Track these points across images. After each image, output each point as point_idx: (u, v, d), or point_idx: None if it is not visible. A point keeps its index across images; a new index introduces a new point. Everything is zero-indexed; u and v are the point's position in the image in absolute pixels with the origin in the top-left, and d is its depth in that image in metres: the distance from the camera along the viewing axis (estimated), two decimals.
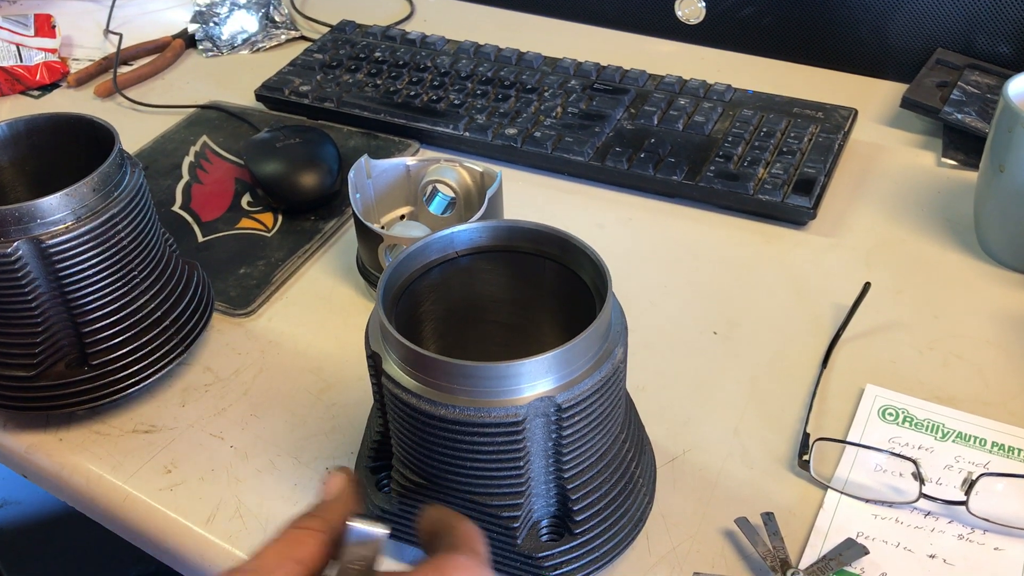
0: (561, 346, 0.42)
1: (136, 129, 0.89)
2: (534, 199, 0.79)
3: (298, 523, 0.39)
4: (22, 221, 0.54)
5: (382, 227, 0.71)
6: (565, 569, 0.47)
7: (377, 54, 0.94)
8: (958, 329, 0.65)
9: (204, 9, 1.04)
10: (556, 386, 0.43)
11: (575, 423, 0.44)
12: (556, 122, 0.83)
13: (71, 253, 0.55)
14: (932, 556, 0.51)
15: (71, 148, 0.61)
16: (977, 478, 0.51)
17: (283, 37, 1.05)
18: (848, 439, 0.57)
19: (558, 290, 0.51)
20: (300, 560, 0.37)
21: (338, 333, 0.67)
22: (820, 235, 0.74)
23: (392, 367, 0.44)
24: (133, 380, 0.60)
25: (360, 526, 0.39)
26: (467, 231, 0.50)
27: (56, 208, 0.54)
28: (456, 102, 0.86)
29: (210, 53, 1.03)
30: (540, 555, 0.46)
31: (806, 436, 0.56)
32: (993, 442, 0.56)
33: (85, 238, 0.55)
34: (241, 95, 0.94)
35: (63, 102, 0.96)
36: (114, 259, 0.57)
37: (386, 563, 0.41)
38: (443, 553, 0.38)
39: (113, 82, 0.96)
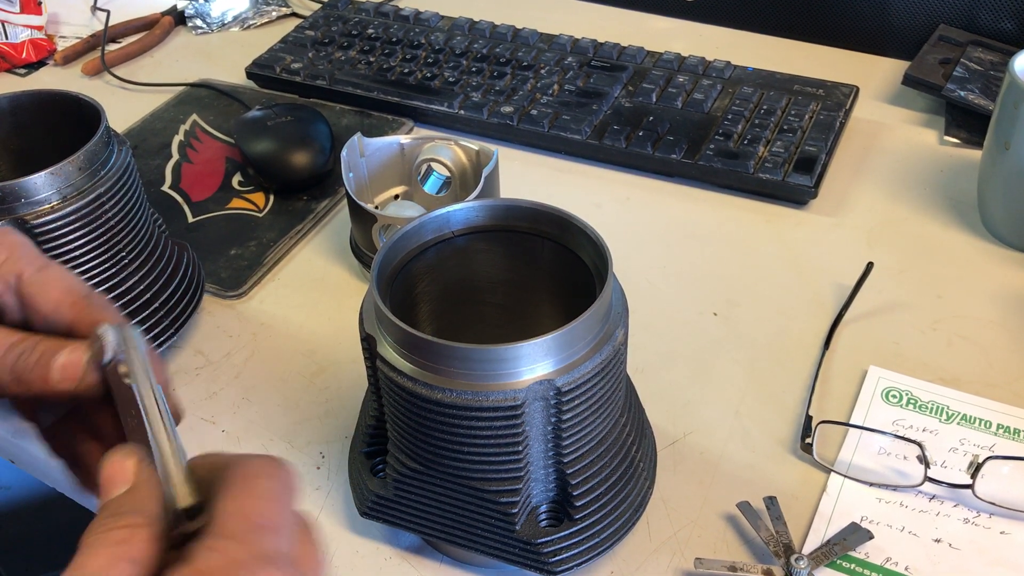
0: (561, 328, 0.41)
1: (125, 108, 0.88)
2: (530, 178, 0.78)
3: (110, 523, 0.33)
4: (6, 201, 0.52)
5: (376, 207, 0.69)
6: (564, 555, 0.46)
7: (370, 31, 0.92)
8: (962, 309, 0.64)
9: None
10: (555, 369, 0.42)
11: (575, 407, 0.43)
12: (553, 100, 0.82)
13: (57, 233, 0.54)
14: (938, 540, 0.50)
15: (56, 126, 0.59)
16: (984, 461, 0.50)
17: (274, 14, 1.03)
18: (851, 422, 0.56)
19: (556, 271, 0.49)
20: (134, 559, 0.32)
21: (331, 315, 0.66)
22: (821, 214, 0.73)
23: (387, 350, 0.43)
24: None
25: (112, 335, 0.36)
26: (463, 210, 0.49)
27: (41, 187, 0.53)
28: (451, 79, 0.85)
29: (200, 30, 1.01)
30: (539, 541, 0.46)
31: (808, 419, 0.55)
32: (998, 424, 0.55)
33: (71, 218, 0.54)
34: (231, 73, 0.93)
35: (50, 80, 0.94)
36: (101, 240, 0.56)
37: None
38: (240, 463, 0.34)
39: (101, 60, 0.94)
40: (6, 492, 0.92)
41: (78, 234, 0.54)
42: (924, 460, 0.51)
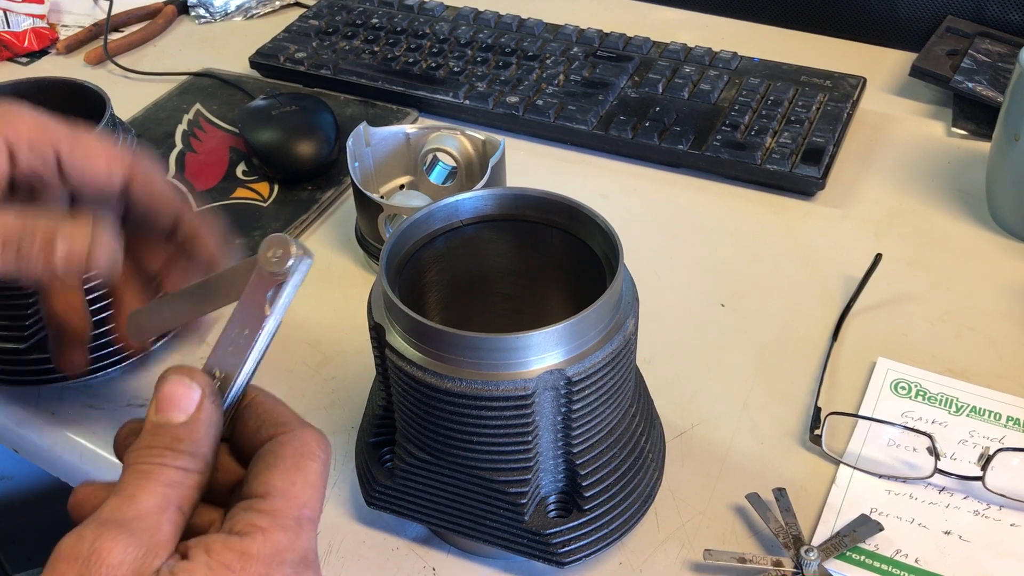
0: (572, 317, 0.41)
1: (127, 97, 0.87)
2: (536, 169, 0.77)
3: (167, 458, 0.33)
4: None
5: (381, 197, 0.69)
6: (573, 546, 0.46)
7: (374, 20, 0.92)
8: (971, 301, 0.64)
9: None
10: (566, 359, 0.42)
11: (585, 397, 0.43)
12: (558, 90, 0.81)
13: None
14: (948, 532, 0.49)
15: (61, 113, 0.59)
16: (994, 453, 0.50)
17: (277, 3, 1.02)
18: (860, 413, 0.56)
19: (566, 260, 0.49)
20: (182, 508, 0.33)
21: (337, 305, 0.65)
22: (829, 206, 0.72)
23: (396, 339, 0.43)
24: (127, 353, 0.58)
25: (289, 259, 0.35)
26: (472, 199, 0.48)
27: None
28: (456, 69, 0.84)
29: (203, 19, 1.01)
30: (547, 532, 0.45)
31: (817, 410, 0.55)
32: (1008, 416, 0.55)
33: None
34: (235, 62, 0.92)
35: (52, 69, 0.94)
36: None
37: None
38: (290, 430, 0.35)
39: (104, 49, 0.93)
40: (8, 482, 0.91)
41: None
42: (934, 452, 0.51)
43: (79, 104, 0.58)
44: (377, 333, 0.44)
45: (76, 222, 0.40)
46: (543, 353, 0.41)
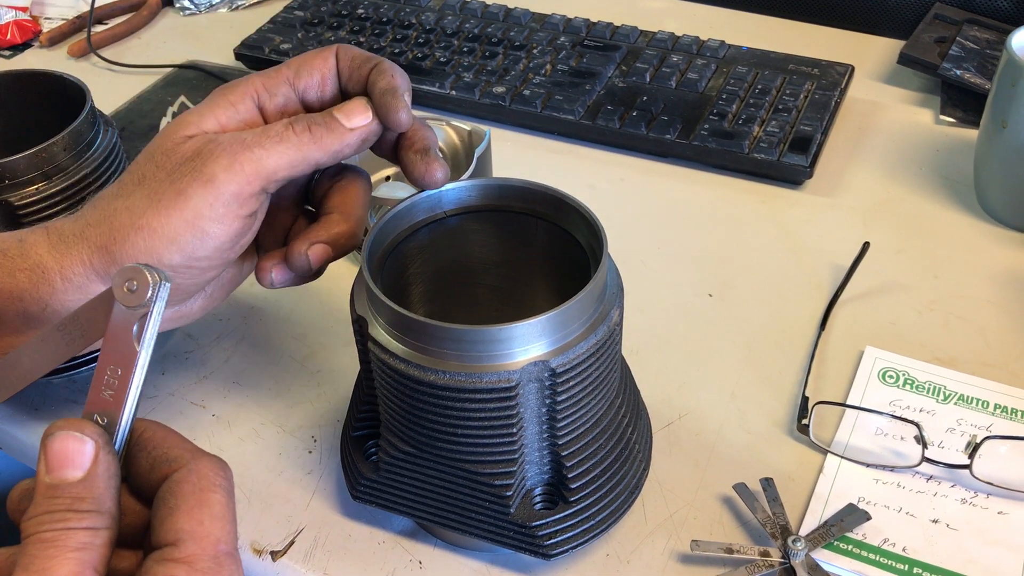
0: (555, 308, 0.40)
1: (112, 89, 0.87)
2: (523, 160, 0.77)
3: (71, 521, 0.31)
4: None
5: None
6: (560, 538, 0.46)
7: (360, 11, 0.91)
8: (959, 289, 0.63)
9: None
10: (550, 350, 0.41)
11: (570, 388, 0.42)
12: (545, 80, 0.81)
13: (42, 215, 0.53)
14: (935, 521, 0.49)
15: (40, 106, 0.59)
16: (981, 441, 0.50)
17: None
18: (848, 402, 0.56)
19: (551, 251, 0.49)
20: (96, 569, 0.31)
21: (322, 298, 0.65)
22: (817, 194, 0.72)
23: (379, 332, 0.43)
24: None
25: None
26: (455, 190, 0.48)
27: (25, 168, 0.52)
28: (442, 60, 0.84)
29: (187, 11, 1.00)
30: (534, 524, 0.45)
31: (805, 400, 0.55)
32: (996, 404, 0.55)
33: (56, 199, 0.53)
34: (220, 54, 0.91)
35: (35, 62, 0.93)
36: None
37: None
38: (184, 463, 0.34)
39: (87, 41, 0.92)
40: None
41: (63, 215, 0.53)
42: (921, 440, 0.51)
43: (59, 97, 0.57)
44: (360, 326, 0.44)
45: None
46: (527, 345, 0.41)
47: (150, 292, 0.33)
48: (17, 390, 0.39)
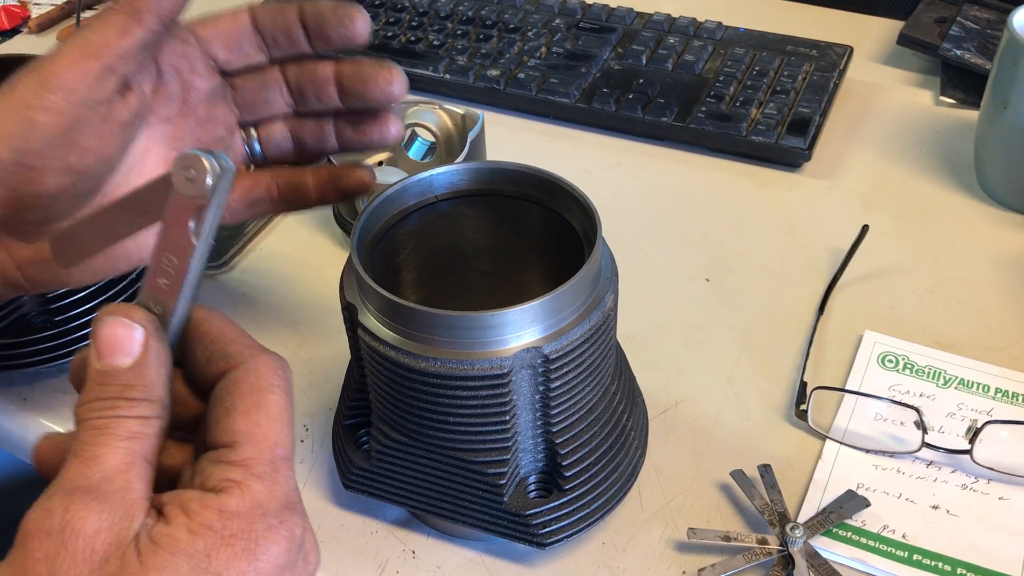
0: (548, 294, 0.40)
1: None
2: (518, 144, 0.76)
3: (122, 409, 0.31)
4: None
5: None
6: (554, 526, 0.45)
7: None
8: (959, 272, 0.63)
9: None
10: (543, 336, 0.41)
11: (563, 375, 0.42)
12: (540, 63, 0.80)
13: None
14: (935, 507, 0.49)
15: None
16: (982, 426, 0.49)
17: None
18: (847, 387, 0.55)
19: (544, 235, 0.48)
20: (146, 458, 0.31)
21: (314, 285, 0.64)
22: (815, 177, 0.71)
23: (369, 319, 0.42)
24: None
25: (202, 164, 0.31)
26: (447, 173, 0.47)
27: None
28: (436, 43, 0.83)
29: None
30: (528, 513, 0.44)
31: (803, 385, 0.54)
32: (996, 388, 0.54)
33: None
34: None
35: (24, 48, 0.92)
36: None
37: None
38: (245, 359, 0.33)
39: (76, 27, 0.91)
40: None
41: None
42: (921, 425, 0.50)
43: None
44: (350, 313, 0.43)
45: None
46: (519, 331, 0.40)
47: (209, 181, 0.32)
48: (77, 262, 0.38)
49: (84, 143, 0.40)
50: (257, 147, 0.49)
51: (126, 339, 0.32)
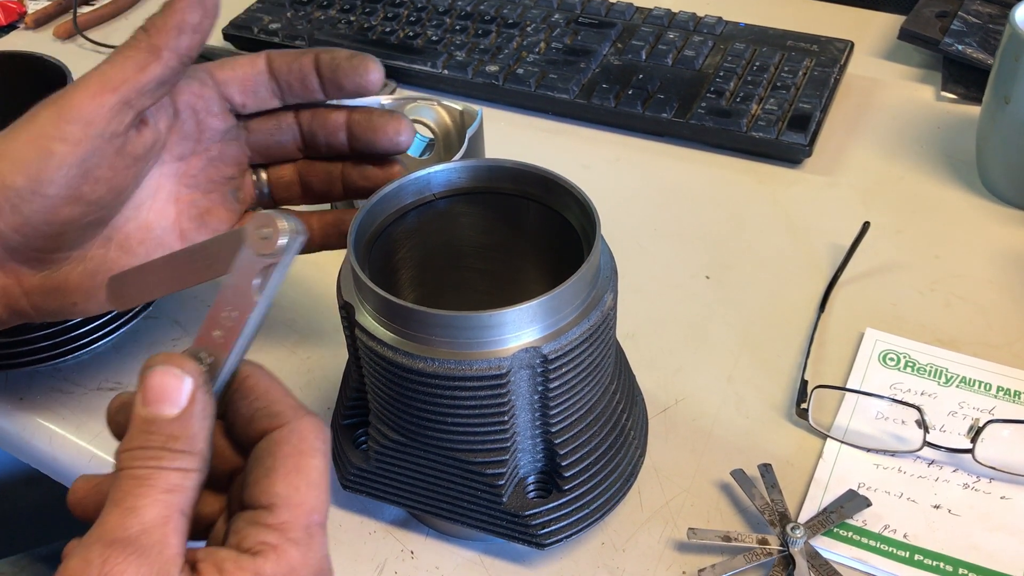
0: (547, 293, 0.39)
1: None
2: (517, 140, 0.76)
3: (164, 460, 0.31)
4: None
5: None
6: (553, 527, 0.45)
7: None
8: (960, 269, 0.62)
9: None
10: (542, 336, 0.40)
11: (562, 375, 0.41)
12: (539, 58, 0.79)
13: None
14: (937, 507, 0.48)
15: (20, 89, 0.57)
16: (984, 425, 0.49)
17: None
18: (848, 386, 0.55)
19: (543, 234, 0.48)
20: (183, 511, 0.31)
21: (312, 283, 0.64)
22: (816, 173, 0.71)
23: (366, 318, 0.42)
24: (98, 335, 0.57)
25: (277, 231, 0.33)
26: (445, 171, 0.47)
27: None
28: (434, 38, 0.82)
29: None
30: (527, 513, 0.44)
31: (804, 383, 0.54)
32: (998, 386, 0.54)
33: None
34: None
35: (21, 44, 0.91)
36: None
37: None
38: (288, 420, 0.33)
39: (73, 23, 0.91)
40: None
41: None
42: (923, 424, 0.50)
43: (40, 79, 0.56)
44: (347, 312, 0.43)
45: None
46: (518, 331, 0.40)
47: (282, 242, 0.33)
48: (136, 304, 0.39)
49: (98, 174, 0.42)
50: (266, 188, 0.50)
51: (175, 390, 0.32)
